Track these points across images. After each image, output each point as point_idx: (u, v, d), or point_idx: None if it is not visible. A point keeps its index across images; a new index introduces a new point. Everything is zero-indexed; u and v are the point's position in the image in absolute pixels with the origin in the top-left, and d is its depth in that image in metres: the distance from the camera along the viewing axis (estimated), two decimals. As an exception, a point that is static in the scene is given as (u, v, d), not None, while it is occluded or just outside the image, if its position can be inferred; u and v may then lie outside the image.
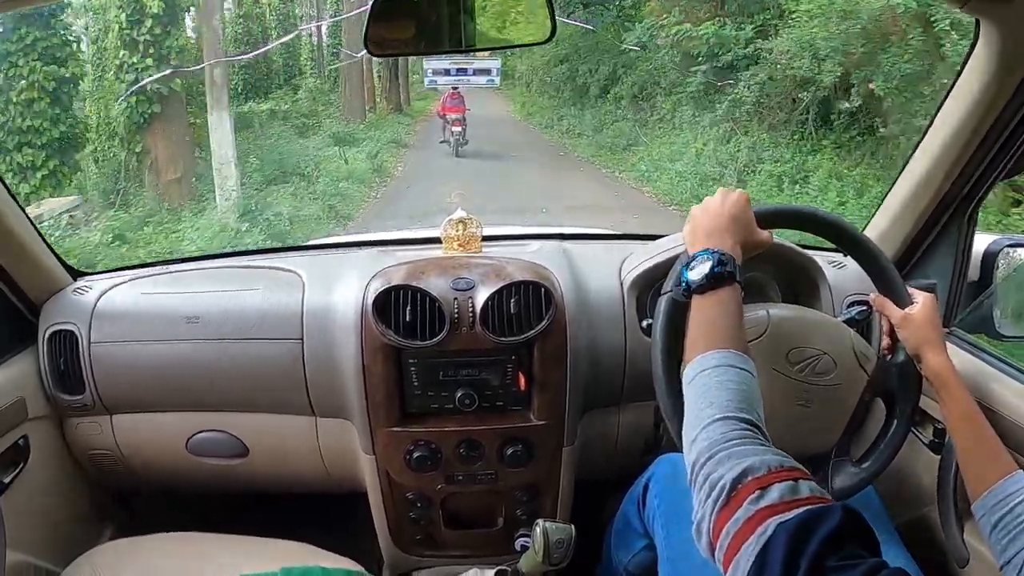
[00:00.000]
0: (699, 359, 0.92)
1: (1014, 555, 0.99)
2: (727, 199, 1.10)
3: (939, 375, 1.13)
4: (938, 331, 1.16)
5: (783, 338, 1.14)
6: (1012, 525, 1.01)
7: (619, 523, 1.46)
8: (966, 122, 1.29)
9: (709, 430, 0.82)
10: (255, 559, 1.33)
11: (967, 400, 1.12)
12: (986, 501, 1.05)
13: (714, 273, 0.99)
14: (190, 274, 1.68)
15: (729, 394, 0.86)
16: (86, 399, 1.53)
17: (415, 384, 1.42)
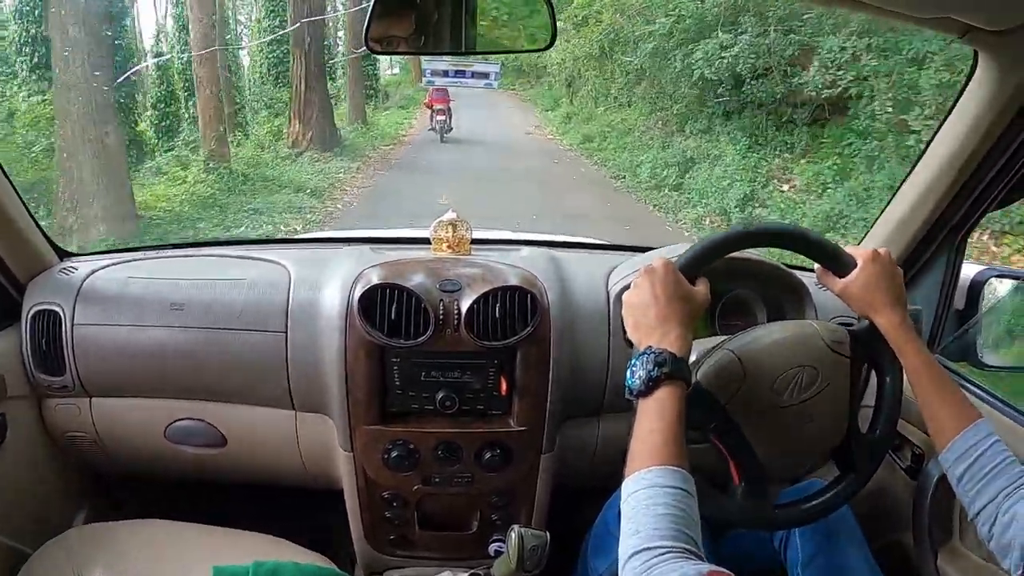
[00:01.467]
0: (632, 478, 0.92)
1: (982, 507, 1.01)
2: (654, 277, 1.06)
3: (890, 333, 1.12)
4: (880, 290, 1.13)
5: (763, 373, 1.11)
6: (977, 476, 1.02)
7: (599, 529, 1.46)
8: (960, 151, 1.30)
9: (633, 560, 0.84)
10: (228, 551, 1.33)
11: (922, 355, 1.11)
12: (949, 454, 1.06)
13: (652, 377, 0.97)
14: (177, 261, 1.67)
15: (655, 520, 0.86)
16: (66, 380, 1.52)
17: (397, 383, 1.42)
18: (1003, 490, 1.00)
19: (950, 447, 1.05)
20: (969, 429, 1.04)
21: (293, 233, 7.85)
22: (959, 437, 1.05)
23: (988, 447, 1.03)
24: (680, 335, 1.02)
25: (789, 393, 1.11)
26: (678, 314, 1.03)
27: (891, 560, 1.35)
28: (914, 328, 1.13)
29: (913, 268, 1.52)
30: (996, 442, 1.04)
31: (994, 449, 1.03)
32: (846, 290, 1.15)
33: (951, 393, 1.09)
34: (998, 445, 1.03)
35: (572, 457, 1.54)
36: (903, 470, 1.43)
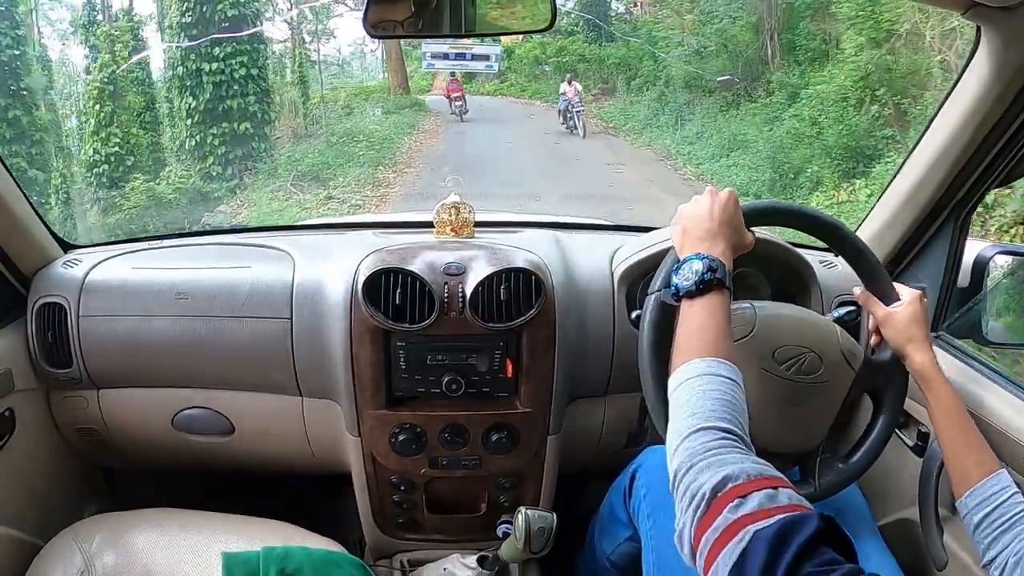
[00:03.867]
0: (684, 367, 0.92)
1: (996, 555, 1.01)
2: (717, 201, 1.09)
3: (922, 373, 1.14)
4: (923, 328, 1.16)
5: (770, 337, 1.14)
6: (995, 525, 1.02)
7: (604, 513, 1.47)
8: (963, 127, 1.30)
9: (689, 440, 0.83)
10: (237, 537, 1.33)
11: (952, 398, 1.12)
12: (969, 500, 1.06)
13: (704, 280, 0.99)
14: (180, 250, 1.68)
15: (711, 403, 0.86)
16: (73, 373, 1.52)
17: (402, 367, 1.42)
18: (1018, 538, 1.00)
19: (971, 493, 1.06)
20: (991, 478, 1.05)
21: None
22: (980, 485, 1.05)
23: (1008, 498, 1.03)
24: (726, 253, 1.04)
25: (788, 367, 1.14)
26: (728, 238, 1.07)
27: (898, 536, 1.36)
28: (942, 372, 1.14)
29: (917, 246, 1.51)
30: (1015, 493, 1.04)
31: (1013, 500, 1.04)
32: (890, 318, 1.18)
33: (976, 439, 1.10)
34: (1017, 496, 1.04)
35: (578, 438, 1.55)
36: (910, 448, 1.43)
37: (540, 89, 17.73)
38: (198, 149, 10.90)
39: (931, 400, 1.13)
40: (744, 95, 12.13)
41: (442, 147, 13.51)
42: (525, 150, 12.87)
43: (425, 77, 19.80)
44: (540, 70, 18.37)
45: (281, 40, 14.79)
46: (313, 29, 16.61)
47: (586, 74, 16.63)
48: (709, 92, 12.71)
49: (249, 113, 11.12)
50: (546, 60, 18.23)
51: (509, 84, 18.73)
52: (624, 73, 16.10)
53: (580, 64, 16.84)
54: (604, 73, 16.82)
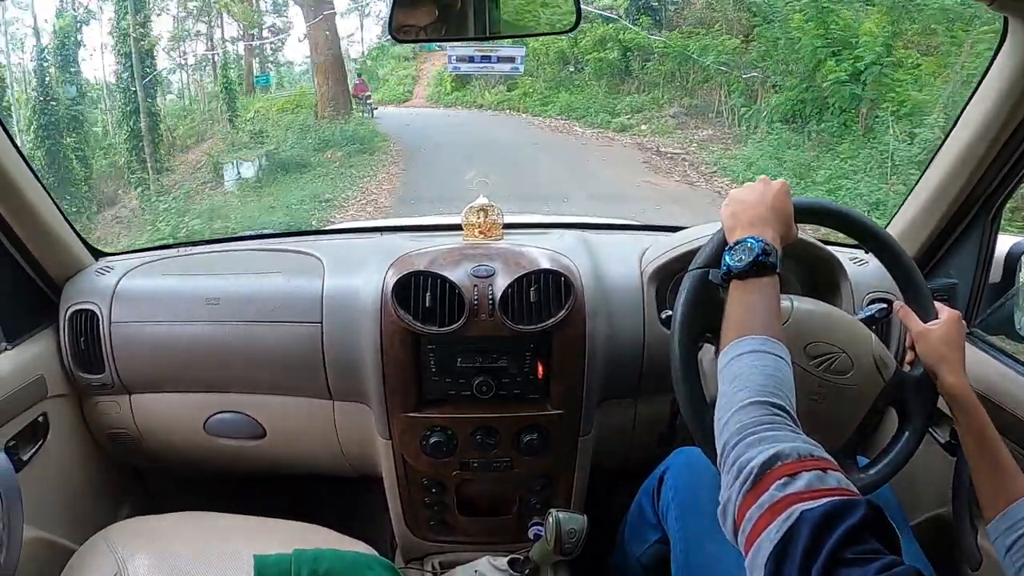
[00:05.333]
0: (735, 343, 0.92)
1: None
2: (770, 189, 1.09)
3: (953, 396, 1.11)
4: (958, 350, 1.14)
5: (804, 330, 1.13)
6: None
7: (633, 515, 1.47)
8: (992, 120, 1.28)
9: (741, 413, 0.82)
10: (269, 540, 1.34)
11: (982, 421, 1.09)
12: (999, 524, 1.03)
13: (758, 261, 0.99)
14: (211, 256, 1.69)
15: (763, 379, 0.85)
16: (105, 378, 1.54)
17: (433, 370, 1.42)
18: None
19: (1001, 517, 1.03)
20: (1021, 501, 1.02)
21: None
22: (1011, 508, 1.02)
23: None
24: (776, 239, 1.04)
25: (818, 363, 1.12)
26: (778, 226, 1.06)
27: (931, 535, 1.34)
28: (975, 395, 1.12)
29: (948, 241, 1.50)
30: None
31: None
32: (925, 335, 1.16)
33: (1006, 461, 1.07)
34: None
35: (609, 439, 1.54)
36: (942, 446, 1.42)
37: (572, 104, 12.92)
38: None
39: (961, 423, 1.11)
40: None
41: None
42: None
43: (403, 82, 17.41)
44: (566, 71, 13.85)
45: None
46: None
47: (647, 80, 12.30)
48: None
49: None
50: (579, 57, 13.36)
51: (522, 93, 13.94)
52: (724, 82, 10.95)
53: (633, 64, 12.60)
54: (685, 83, 11.76)
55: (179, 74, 13.51)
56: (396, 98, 17.34)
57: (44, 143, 8.97)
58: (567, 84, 13.77)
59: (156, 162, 10.03)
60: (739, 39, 11.12)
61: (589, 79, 13.25)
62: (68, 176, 9.00)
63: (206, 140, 11.84)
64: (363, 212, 8.65)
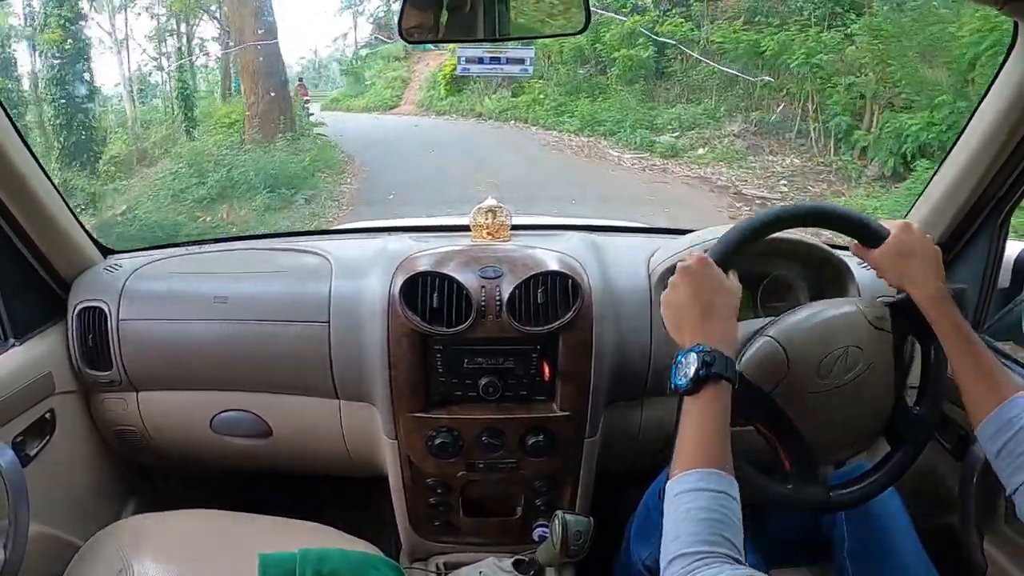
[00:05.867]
0: (677, 479, 0.91)
1: (1022, 482, 0.98)
2: (690, 277, 1.03)
3: (924, 305, 1.10)
4: (912, 260, 1.11)
5: (806, 359, 1.09)
6: (1016, 451, 0.99)
7: (640, 516, 1.46)
8: (1001, 125, 1.28)
9: (671, 567, 0.84)
10: (274, 539, 1.34)
11: (957, 326, 1.08)
12: (987, 428, 1.03)
13: (699, 376, 0.95)
14: (220, 255, 1.70)
15: (695, 525, 0.86)
16: (113, 375, 1.55)
17: (439, 371, 1.42)
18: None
19: (987, 420, 1.03)
20: (1007, 403, 1.02)
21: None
22: (996, 411, 1.02)
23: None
24: (724, 331, 1.00)
25: (835, 376, 1.10)
26: (720, 309, 1.02)
27: (938, 543, 1.34)
28: (951, 300, 1.10)
29: (957, 246, 1.50)
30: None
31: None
32: (879, 261, 1.14)
33: (988, 366, 1.06)
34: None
35: (615, 441, 1.54)
36: (949, 452, 1.41)
37: (597, 115, 10.17)
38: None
39: (937, 331, 1.10)
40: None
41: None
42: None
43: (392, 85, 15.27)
44: (585, 73, 11.20)
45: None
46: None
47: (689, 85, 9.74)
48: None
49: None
50: (600, 54, 10.88)
51: (530, 100, 11.42)
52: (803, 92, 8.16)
53: (672, 65, 10.00)
54: (750, 91, 8.89)
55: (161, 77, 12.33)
56: (382, 104, 15.63)
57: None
58: (587, 89, 11.14)
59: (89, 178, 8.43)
60: (840, 33, 8.14)
61: (615, 83, 10.71)
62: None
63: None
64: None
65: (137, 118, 10.68)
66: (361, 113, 15.63)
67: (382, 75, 16.70)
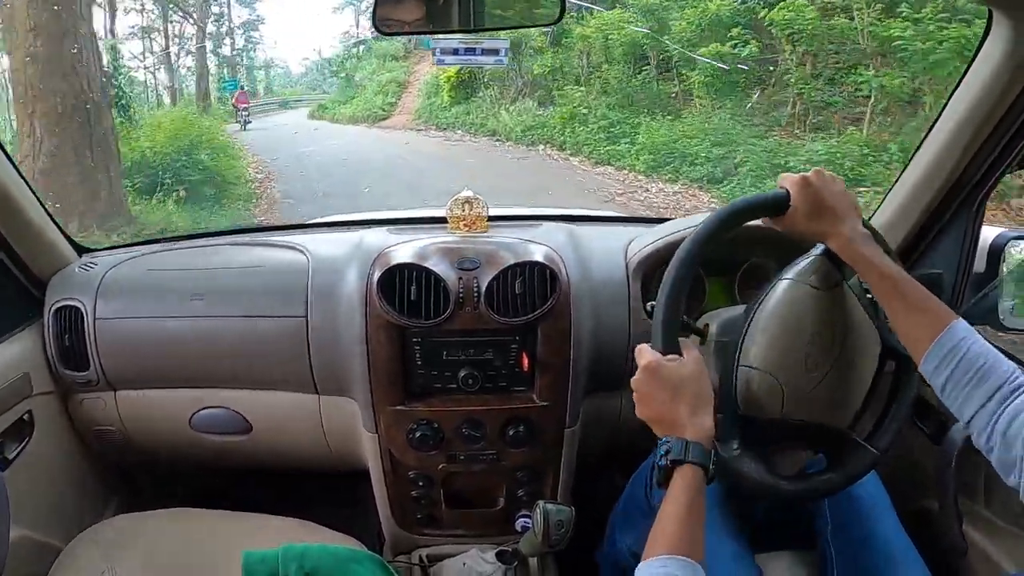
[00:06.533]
0: (644, 565, 0.91)
1: (973, 414, 0.95)
2: (646, 377, 1.02)
3: (844, 252, 1.08)
4: (822, 211, 1.08)
5: (789, 367, 1.09)
6: (962, 381, 0.96)
7: (625, 504, 1.47)
8: (976, 112, 1.29)
9: None
10: (256, 536, 1.34)
11: (881, 266, 1.05)
12: (927, 363, 0.99)
13: (660, 466, 0.97)
14: (196, 251, 1.68)
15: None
16: (91, 375, 1.53)
17: (418, 363, 1.42)
18: (993, 394, 0.94)
19: (927, 356, 0.99)
20: (944, 333, 0.98)
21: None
22: (935, 343, 0.98)
23: (968, 348, 0.96)
24: (685, 419, 0.99)
25: (821, 361, 1.10)
26: (680, 399, 1.00)
27: (918, 526, 1.35)
28: (869, 239, 1.07)
29: (932, 232, 1.51)
30: (976, 341, 0.97)
31: (975, 349, 0.96)
32: (791, 226, 1.12)
33: (921, 300, 1.02)
34: (978, 344, 0.97)
35: (596, 431, 1.54)
36: (927, 436, 1.43)
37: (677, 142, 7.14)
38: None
39: (863, 277, 1.09)
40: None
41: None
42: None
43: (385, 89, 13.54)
44: (649, 76, 8.42)
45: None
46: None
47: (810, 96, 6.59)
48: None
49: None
50: (670, 53, 8.00)
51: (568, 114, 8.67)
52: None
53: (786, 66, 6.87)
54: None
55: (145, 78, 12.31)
56: (371, 114, 13.67)
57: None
58: (649, 102, 8.03)
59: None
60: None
61: (700, 93, 7.59)
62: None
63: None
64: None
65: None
66: (348, 124, 14.10)
67: (374, 77, 15.01)
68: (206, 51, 15.75)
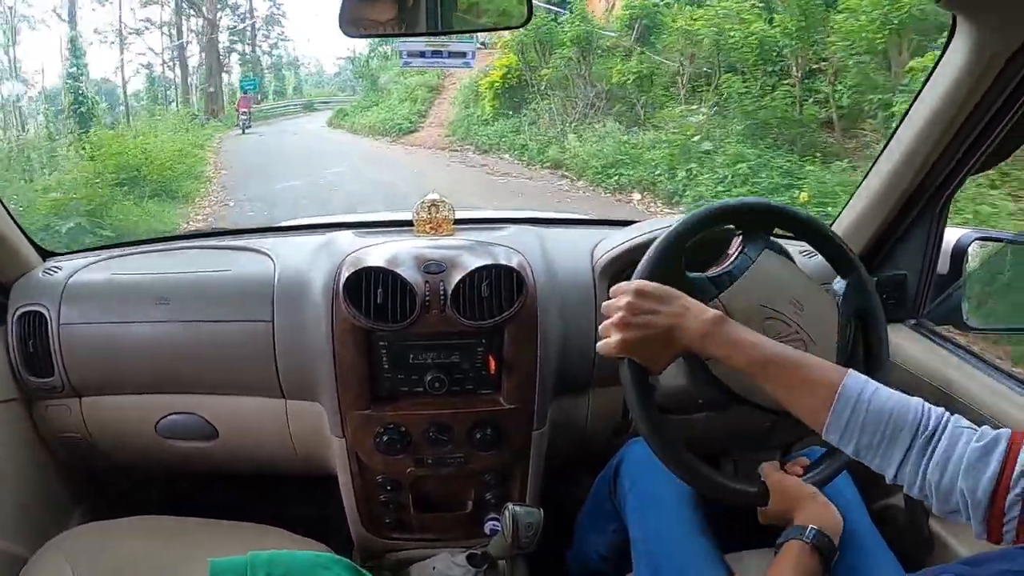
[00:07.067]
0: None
1: (896, 472, 0.88)
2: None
3: (703, 354, 1.02)
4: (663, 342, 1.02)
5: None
6: (874, 443, 0.88)
7: (591, 506, 1.48)
8: (939, 116, 1.30)
9: None
10: (224, 543, 1.33)
11: (742, 352, 0.98)
12: (831, 434, 0.91)
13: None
14: (161, 255, 1.66)
15: None
16: (55, 381, 1.51)
17: (385, 367, 1.42)
18: (909, 447, 0.87)
19: (827, 428, 0.91)
20: (837, 400, 0.90)
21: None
22: (831, 414, 0.90)
23: (868, 406, 0.88)
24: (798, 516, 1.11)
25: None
26: (791, 507, 1.12)
27: (885, 524, 1.37)
28: (723, 320, 1.00)
29: (895, 235, 1.53)
30: (874, 392, 0.89)
31: (875, 403, 0.89)
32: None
33: (801, 372, 0.95)
34: (877, 395, 0.89)
35: (564, 433, 1.55)
36: None
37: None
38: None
39: (729, 367, 1.01)
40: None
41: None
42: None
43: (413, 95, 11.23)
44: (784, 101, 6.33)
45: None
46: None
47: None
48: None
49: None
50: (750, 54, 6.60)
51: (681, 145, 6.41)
52: None
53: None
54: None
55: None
56: (394, 126, 11.16)
57: None
58: (802, 132, 6.05)
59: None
60: None
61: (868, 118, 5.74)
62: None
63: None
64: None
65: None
66: (365, 137, 11.92)
67: (402, 80, 12.42)
68: (217, 45, 15.21)
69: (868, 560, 1.21)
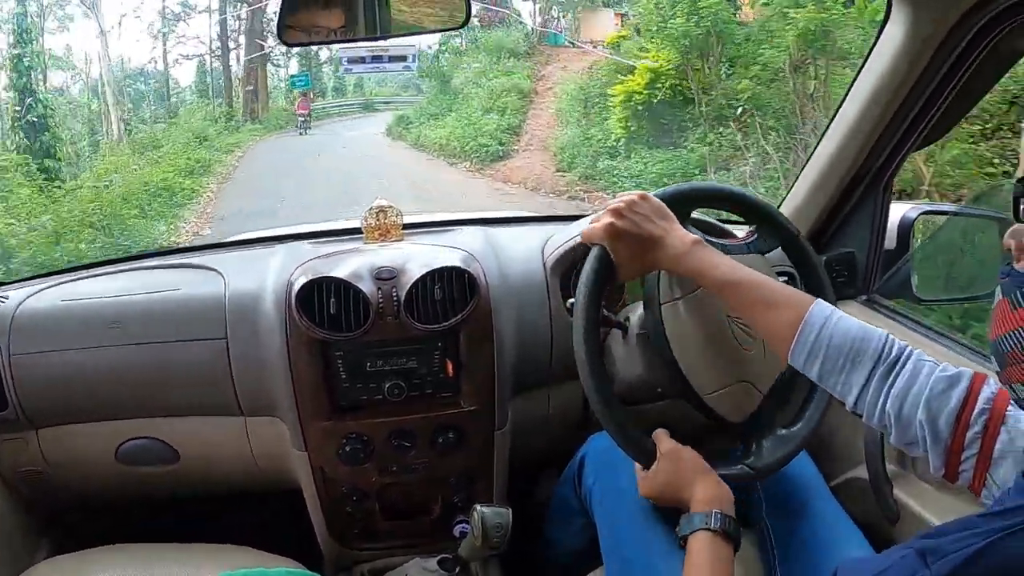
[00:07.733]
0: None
1: (856, 398, 0.91)
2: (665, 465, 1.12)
3: (675, 273, 1.12)
4: (637, 254, 1.08)
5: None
6: (837, 367, 0.92)
7: (557, 503, 1.48)
8: (878, 97, 1.33)
9: None
10: (193, 567, 1.31)
11: (718, 271, 1.02)
12: (796, 357, 0.95)
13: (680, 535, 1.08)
14: (110, 278, 1.63)
15: None
16: (9, 414, 1.47)
17: (343, 377, 1.41)
18: (871, 373, 0.90)
19: (793, 350, 0.94)
20: (804, 323, 0.93)
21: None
22: (797, 335, 0.93)
23: (833, 330, 0.92)
24: (697, 499, 1.09)
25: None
26: (689, 491, 1.10)
27: (849, 495, 1.39)
28: (700, 244, 1.05)
29: (842, 213, 1.55)
30: (840, 319, 0.93)
31: (840, 328, 0.92)
32: (624, 276, 1.13)
33: (770, 294, 0.99)
34: (843, 322, 0.93)
35: (527, 430, 1.55)
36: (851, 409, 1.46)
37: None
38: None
39: (703, 286, 1.09)
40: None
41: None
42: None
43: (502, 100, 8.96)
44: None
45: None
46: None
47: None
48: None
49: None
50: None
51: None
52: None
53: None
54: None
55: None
56: (478, 148, 8.28)
57: None
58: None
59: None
60: None
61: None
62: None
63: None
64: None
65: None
66: (435, 156, 9.23)
67: (482, 82, 9.74)
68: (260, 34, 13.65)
69: (830, 535, 1.23)
